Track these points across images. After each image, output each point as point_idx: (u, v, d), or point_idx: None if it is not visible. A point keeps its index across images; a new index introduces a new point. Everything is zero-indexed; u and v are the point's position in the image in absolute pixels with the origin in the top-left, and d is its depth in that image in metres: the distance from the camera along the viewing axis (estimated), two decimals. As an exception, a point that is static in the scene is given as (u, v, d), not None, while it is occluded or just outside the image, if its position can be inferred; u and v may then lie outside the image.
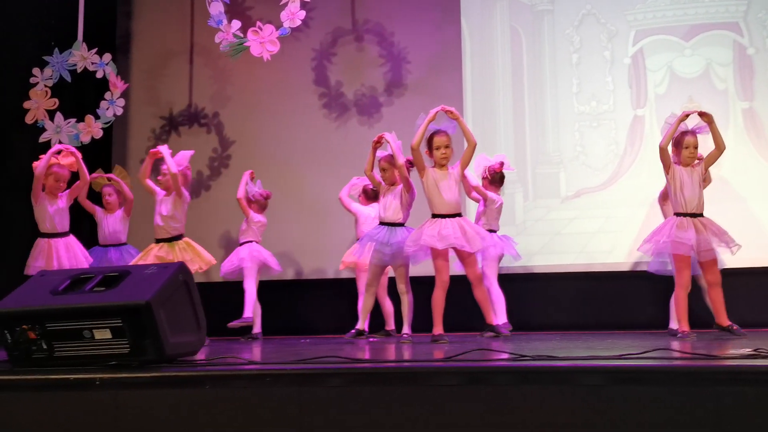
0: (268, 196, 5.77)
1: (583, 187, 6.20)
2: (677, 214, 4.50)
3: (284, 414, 2.40)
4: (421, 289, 4.84)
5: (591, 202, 6.17)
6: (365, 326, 4.92)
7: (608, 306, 6.00)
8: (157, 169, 5.30)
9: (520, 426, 2.29)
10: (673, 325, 4.93)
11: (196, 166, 6.71)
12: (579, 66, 6.34)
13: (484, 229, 4.86)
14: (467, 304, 4.70)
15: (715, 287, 4.50)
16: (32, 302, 2.81)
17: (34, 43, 6.16)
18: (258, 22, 5.78)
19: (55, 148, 5.10)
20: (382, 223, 4.83)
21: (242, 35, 5.75)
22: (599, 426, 2.25)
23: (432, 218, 4.48)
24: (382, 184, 4.89)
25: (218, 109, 6.87)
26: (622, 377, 2.30)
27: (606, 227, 6.11)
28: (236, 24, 5.79)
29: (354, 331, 4.78)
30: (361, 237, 5.16)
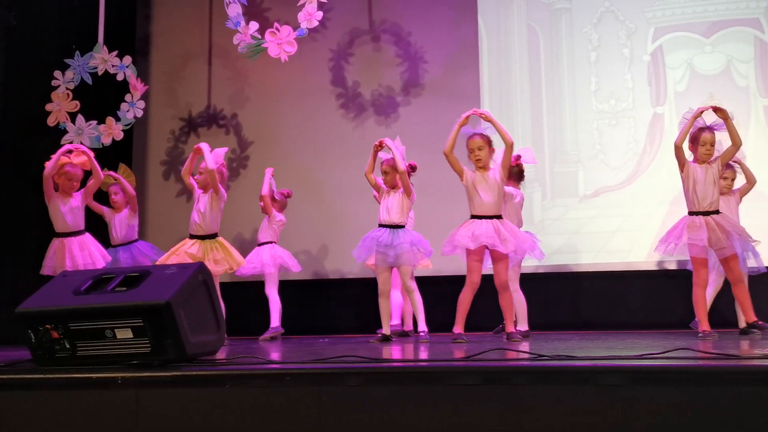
0: (290, 195, 5.78)
1: (602, 185, 6.16)
2: (690, 212, 4.45)
3: (303, 413, 2.41)
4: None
5: (610, 200, 6.12)
6: (402, 326, 4.92)
7: (628, 305, 5.96)
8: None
9: (538, 426, 2.28)
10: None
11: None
12: (597, 64, 6.29)
13: None
14: (477, 304, 4.70)
15: (738, 284, 4.46)
16: (55, 302, 2.85)
17: (56, 47, 6.24)
18: (275, 24, 5.80)
19: (64, 148, 5.12)
20: (382, 225, 4.82)
21: (260, 36, 5.78)
22: (619, 426, 2.24)
23: (470, 219, 4.49)
24: (381, 187, 4.89)
25: (236, 110, 6.92)
26: (643, 377, 2.29)
27: (625, 226, 6.06)
28: (254, 25, 5.82)
29: (380, 335, 4.78)
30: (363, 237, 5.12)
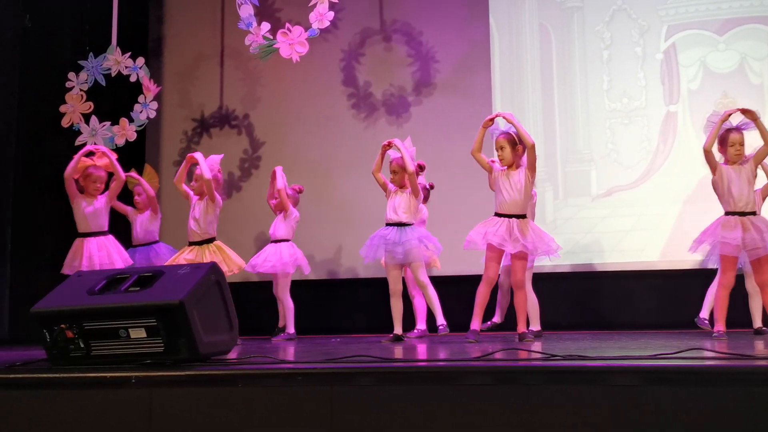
0: (302, 190, 5.78)
1: (614, 185, 6.13)
2: (726, 213, 4.40)
3: (316, 412, 2.41)
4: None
5: (623, 200, 6.09)
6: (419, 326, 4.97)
7: (641, 305, 5.93)
8: (190, 174, 5.38)
9: (550, 426, 2.28)
10: (704, 314, 4.86)
11: (226, 167, 6.79)
12: (610, 62, 6.26)
13: None
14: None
15: (766, 287, 4.36)
16: (70, 302, 2.87)
17: (70, 49, 6.29)
18: (287, 24, 5.81)
19: (85, 149, 5.18)
20: (389, 224, 4.83)
21: (272, 37, 5.80)
22: (632, 427, 2.23)
23: (492, 216, 4.50)
24: (387, 186, 4.89)
25: (248, 110, 6.94)
26: (656, 377, 2.28)
27: (638, 225, 6.03)
28: (266, 26, 5.84)
29: (392, 335, 4.79)
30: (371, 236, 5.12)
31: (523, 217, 4.45)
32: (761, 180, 5.06)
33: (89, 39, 6.26)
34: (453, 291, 5.34)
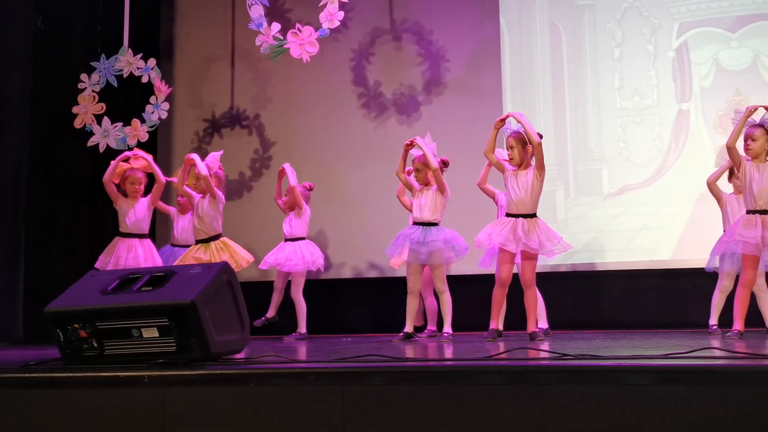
0: (312, 188, 5.79)
1: (626, 183, 6.10)
2: (748, 211, 4.34)
3: (327, 412, 2.42)
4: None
5: (635, 198, 6.06)
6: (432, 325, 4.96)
7: (654, 304, 5.90)
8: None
9: (562, 426, 2.27)
10: (713, 321, 4.84)
11: (237, 167, 6.82)
12: (621, 60, 6.23)
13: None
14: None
15: None
16: (83, 302, 2.89)
17: (82, 50, 6.33)
18: (297, 24, 5.83)
19: (121, 156, 5.31)
20: (416, 223, 4.82)
21: (282, 37, 5.81)
22: (644, 426, 2.22)
23: (504, 216, 4.52)
24: (413, 186, 4.88)
25: (259, 110, 6.96)
26: (669, 377, 2.27)
27: (650, 224, 6.00)
28: (276, 26, 5.85)
29: (402, 334, 4.79)
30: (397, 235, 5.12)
31: (532, 216, 4.44)
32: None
33: (101, 40, 6.30)
34: (461, 291, 5.31)
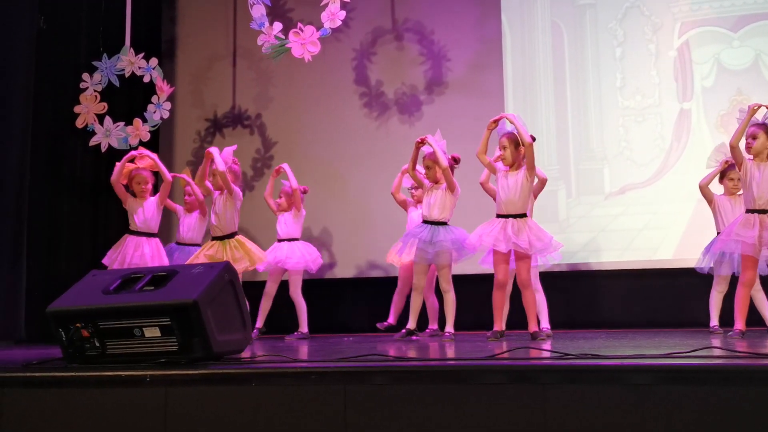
0: (306, 191, 5.80)
1: (627, 183, 6.10)
2: (747, 210, 4.35)
3: (329, 411, 2.42)
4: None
5: (636, 198, 6.05)
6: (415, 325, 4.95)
7: (655, 304, 5.90)
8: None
9: (564, 425, 2.27)
10: (714, 322, 4.84)
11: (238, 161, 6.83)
12: (623, 60, 6.23)
13: None
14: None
15: None
16: (85, 301, 2.90)
17: (84, 50, 6.34)
18: (299, 24, 5.83)
19: (127, 156, 5.29)
20: (425, 222, 4.82)
21: (284, 37, 5.81)
22: (646, 426, 2.22)
23: (495, 217, 4.51)
24: (425, 183, 4.88)
25: (261, 110, 6.97)
26: (670, 376, 2.27)
27: (652, 223, 5.99)
28: (278, 26, 5.86)
29: (404, 331, 4.79)
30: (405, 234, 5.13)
31: (522, 216, 4.44)
32: None
33: (103, 40, 6.30)
34: (462, 291, 5.30)
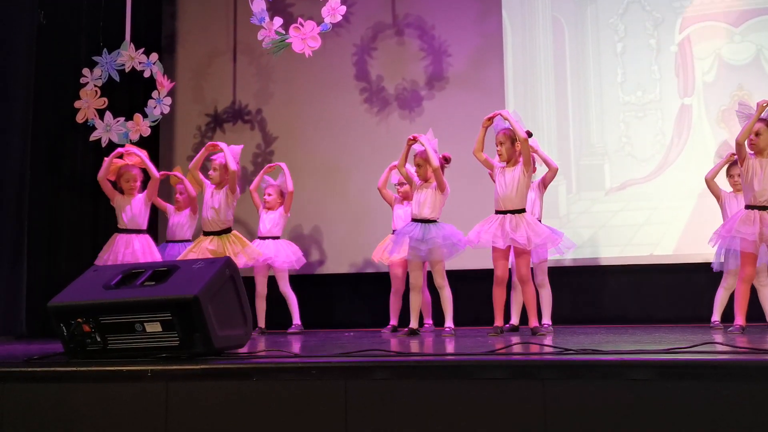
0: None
1: (628, 178, 6.09)
2: (747, 206, 4.35)
3: (330, 406, 2.43)
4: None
5: (637, 193, 6.05)
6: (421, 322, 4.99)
7: (656, 299, 5.90)
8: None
9: (564, 420, 2.28)
10: (715, 317, 4.85)
11: (240, 162, 6.82)
12: (624, 55, 6.22)
13: None
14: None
15: None
16: (86, 297, 2.90)
17: (84, 45, 6.33)
18: (299, 19, 5.82)
19: (115, 152, 5.26)
20: (415, 220, 4.82)
21: (284, 32, 5.81)
22: (646, 421, 2.22)
23: (493, 214, 4.52)
24: (414, 181, 4.88)
25: (261, 105, 6.96)
26: (671, 371, 2.27)
27: (653, 219, 5.99)
28: (278, 21, 5.85)
29: (407, 329, 4.80)
30: (395, 232, 5.13)
31: (519, 212, 4.44)
32: None
33: (103, 35, 6.29)
34: (460, 286, 5.31)
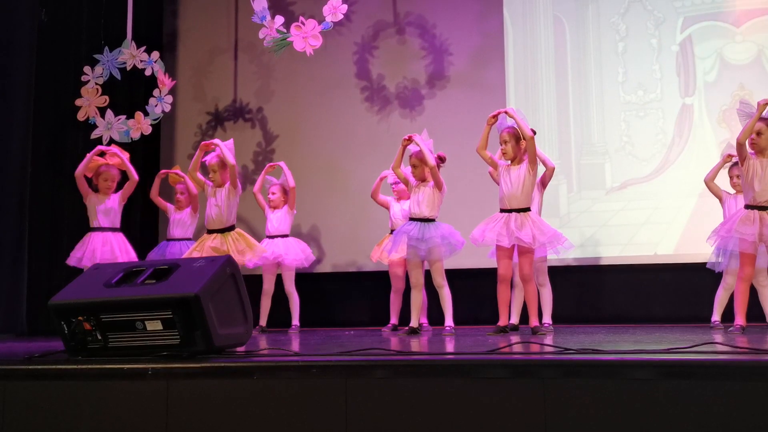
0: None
1: (629, 177, 6.09)
2: (746, 206, 4.34)
3: (330, 404, 2.43)
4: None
5: (637, 193, 6.05)
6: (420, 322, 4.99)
7: (656, 299, 5.90)
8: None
9: (564, 419, 2.28)
10: (715, 317, 4.85)
11: (240, 160, 6.81)
12: (625, 54, 6.22)
13: None
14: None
15: None
16: (87, 295, 2.91)
17: (86, 43, 6.33)
18: (301, 17, 5.82)
19: (96, 150, 5.24)
20: (413, 219, 4.82)
21: (285, 30, 5.81)
22: (646, 421, 2.23)
23: (497, 212, 4.52)
24: (409, 181, 4.88)
25: (262, 104, 6.96)
26: (670, 371, 2.27)
27: (654, 219, 5.99)
28: (279, 19, 5.85)
29: (408, 328, 4.80)
30: (394, 231, 5.13)
31: (525, 210, 4.44)
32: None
33: (104, 33, 6.30)
34: (460, 285, 5.31)
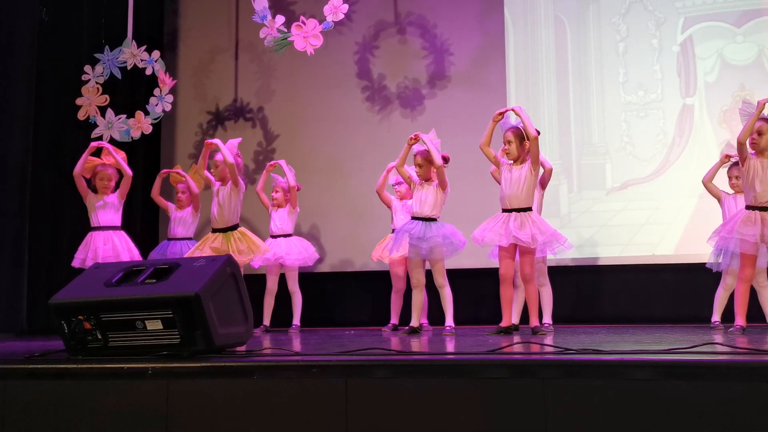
0: (299, 188, 5.79)
1: (629, 178, 6.09)
2: (747, 207, 4.32)
3: (331, 404, 2.43)
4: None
5: (638, 193, 6.05)
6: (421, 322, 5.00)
7: (657, 299, 5.91)
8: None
9: (565, 420, 2.28)
10: (715, 318, 4.85)
11: (241, 160, 6.83)
12: (626, 55, 6.22)
13: None
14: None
15: None
16: (87, 294, 2.90)
17: (86, 42, 6.33)
18: (301, 17, 5.82)
19: (90, 148, 5.23)
20: (415, 218, 4.81)
21: (286, 30, 5.81)
22: (646, 421, 2.23)
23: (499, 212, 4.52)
24: (413, 180, 4.87)
25: (263, 103, 6.96)
26: (671, 372, 2.27)
27: (654, 219, 5.99)
28: (280, 19, 5.85)
29: (409, 327, 4.80)
30: (395, 230, 5.13)
31: (526, 210, 4.44)
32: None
33: (105, 32, 6.30)
34: (461, 285, 5.31)
